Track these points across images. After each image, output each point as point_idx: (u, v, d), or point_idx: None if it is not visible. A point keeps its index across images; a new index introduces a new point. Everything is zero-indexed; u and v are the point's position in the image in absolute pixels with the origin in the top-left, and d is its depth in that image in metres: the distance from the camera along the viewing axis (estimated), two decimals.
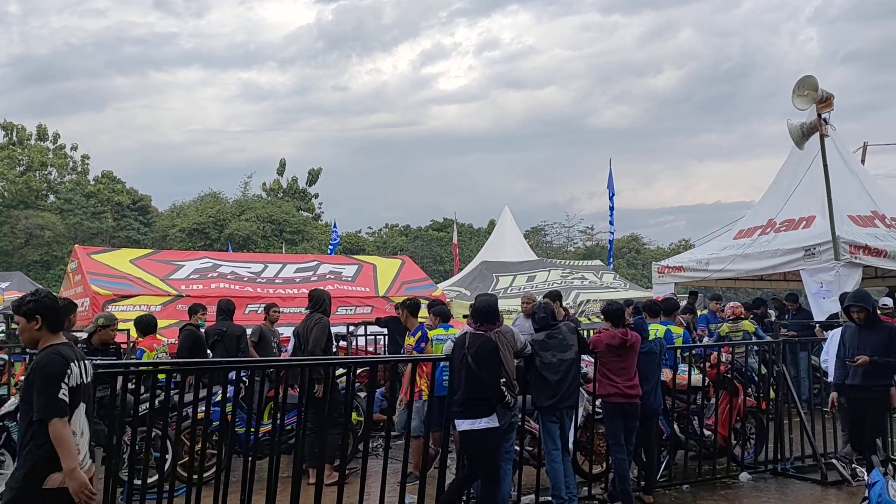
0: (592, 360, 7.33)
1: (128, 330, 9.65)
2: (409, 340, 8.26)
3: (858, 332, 7.58)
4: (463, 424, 6.02)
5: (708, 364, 8.42)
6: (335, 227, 34.89)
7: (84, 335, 8.12)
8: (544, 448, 6.75)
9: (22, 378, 8.32)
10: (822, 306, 11.06)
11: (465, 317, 8.77)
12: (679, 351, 8.48)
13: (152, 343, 8.77)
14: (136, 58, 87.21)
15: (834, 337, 8.36)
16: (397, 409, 7.59)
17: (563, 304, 11.33)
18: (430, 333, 8.21)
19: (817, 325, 11.15)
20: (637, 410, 7.04)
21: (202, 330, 9.81)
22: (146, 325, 8.93)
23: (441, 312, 8.74)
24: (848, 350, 7.59)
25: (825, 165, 11.21)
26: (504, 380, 6.17)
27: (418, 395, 7.50)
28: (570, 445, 7.04)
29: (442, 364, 7.07)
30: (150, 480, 6.40)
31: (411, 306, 8.44)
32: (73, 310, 7.32)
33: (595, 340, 7.14)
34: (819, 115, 11.24)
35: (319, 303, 8.35)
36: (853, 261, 11.00)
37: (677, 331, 8.80)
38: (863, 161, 15.33)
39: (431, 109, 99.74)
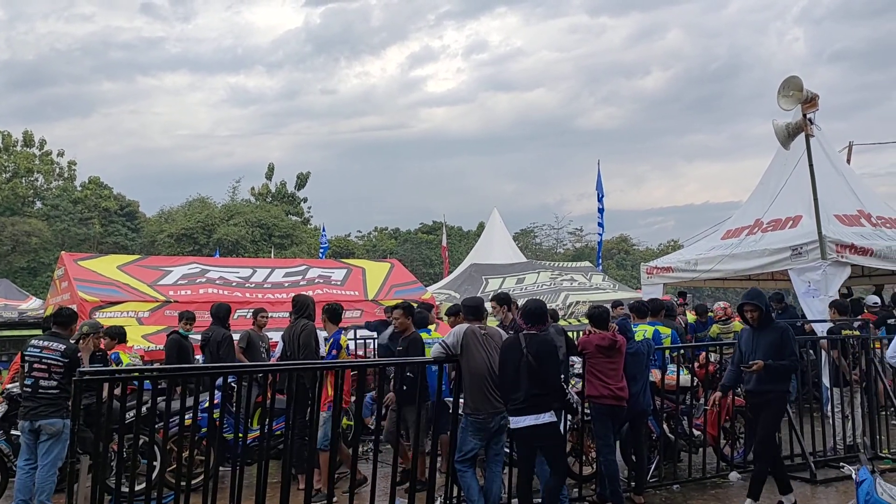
0: (580, 361, 7.34)
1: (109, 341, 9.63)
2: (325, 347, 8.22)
3: (752, 334, 7.09)
4: (526, 420, 6.08)
5: (697, 364, 8.45)
6: (324, 231, 34.86)
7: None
8: None
9: (9, 385, 8.27)
10: (812, 306, 11.10)
11: (447, 314, 8.85)
12: (668, 351, 8.51)
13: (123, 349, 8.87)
14: (124, 63, 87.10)
15: None
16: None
17: (514, 306, 11.22)
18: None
19: (809, 322, 11.19)
20: (623, 413, 7.06)
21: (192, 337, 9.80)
22: (123, 334, 9.10)
23: (422, 318, 8.80)
24: (744, 354, 7.10)
25: (811, 165, 11.25)
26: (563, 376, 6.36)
27: (326, 405, 7.15)
28: None
29: (433, 368, 7.06)
30: (138, 488, 6.35)
31: (329, 311, 8.22)
32: (76, 318, 7.36)
33: (584, 342, 7.14)
34: (804, 116, 11.27)
35: (304, 308, 8.32)
36: (840, 260, 11.04)
37: (665, 331, 8.82)
38: (848, 160, 15.41)
39: (420, 112, 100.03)
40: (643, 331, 8.28)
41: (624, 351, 7.07)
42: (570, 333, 8.00)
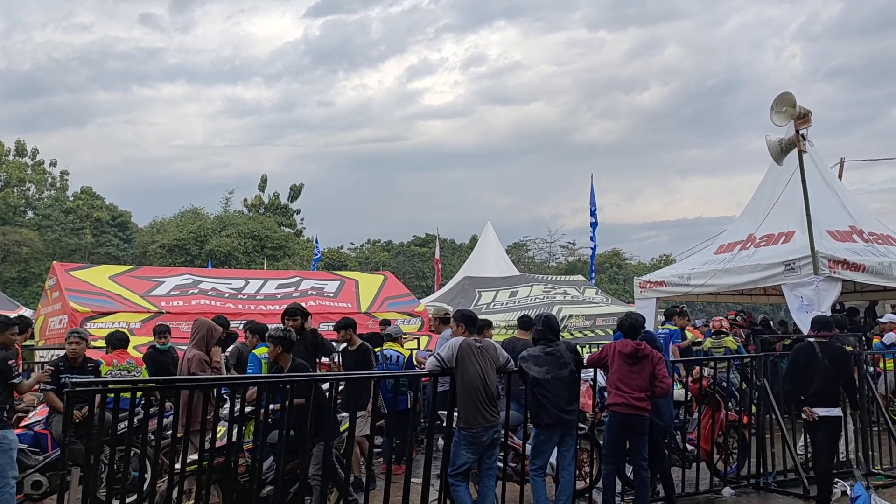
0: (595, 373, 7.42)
1: (105, 347, 9.54)
2: None
3: None
4: (821, 412, 7.39)
5: (690, 379, 8.44)
6: (317, 242, 34.81)
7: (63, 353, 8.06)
8: (530, 464, 6.75)
9: None
10: (805, 321, 11.11)
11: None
12: None
13: (112, 358, 8.76)
14: (121, 73, 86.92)
15: None
16: None
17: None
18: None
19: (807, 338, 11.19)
20: (645, 425, 6.99)
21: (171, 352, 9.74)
22: (119, 339, 9.09)
23: (258, 330, 8.78)
24: None
25: (804, 181, 11.30)
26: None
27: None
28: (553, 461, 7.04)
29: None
30: (128, 500, 6.31)
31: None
32: (6, 328, 6.96)
33: (607, 348, 7.15)
34: (797, 132, 11.34)
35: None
36: (832, 275, 11.09)
37: None
38: (840, 177, 15.52)
39: (417, 125, 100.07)
40: None
41: (652, 360, 6.96)
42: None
